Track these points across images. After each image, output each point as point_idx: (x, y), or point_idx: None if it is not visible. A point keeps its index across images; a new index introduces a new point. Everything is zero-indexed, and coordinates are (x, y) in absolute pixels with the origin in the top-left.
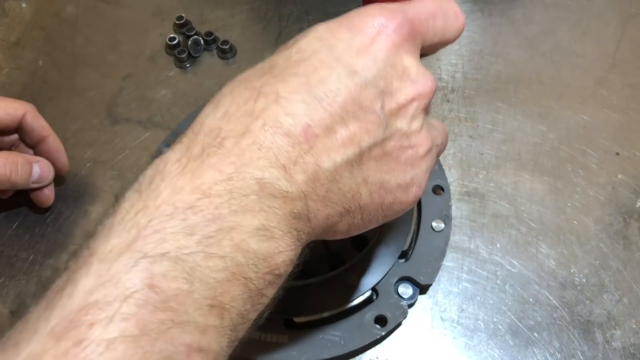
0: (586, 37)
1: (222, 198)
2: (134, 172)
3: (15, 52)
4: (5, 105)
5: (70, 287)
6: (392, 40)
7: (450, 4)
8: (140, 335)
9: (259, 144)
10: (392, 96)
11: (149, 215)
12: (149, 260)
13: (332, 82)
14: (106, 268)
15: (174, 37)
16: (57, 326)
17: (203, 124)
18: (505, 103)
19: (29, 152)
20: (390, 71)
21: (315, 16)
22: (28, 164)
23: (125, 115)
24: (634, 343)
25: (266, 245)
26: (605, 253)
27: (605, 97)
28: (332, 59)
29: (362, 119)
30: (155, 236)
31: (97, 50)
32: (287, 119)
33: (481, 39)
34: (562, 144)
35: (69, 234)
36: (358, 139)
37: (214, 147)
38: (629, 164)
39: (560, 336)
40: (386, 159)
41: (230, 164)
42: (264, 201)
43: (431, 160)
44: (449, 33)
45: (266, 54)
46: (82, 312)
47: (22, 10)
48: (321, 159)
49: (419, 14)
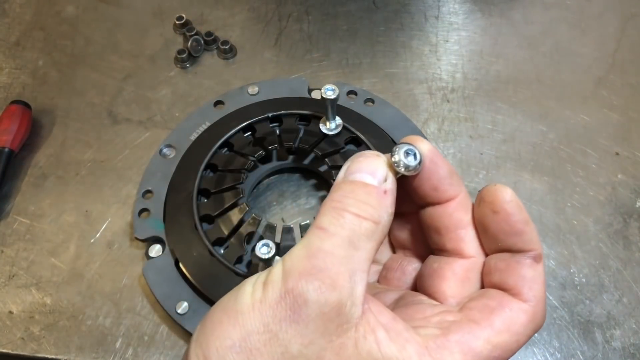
0: (586, 38)
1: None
2: (135, 171)
3: (16, 52)
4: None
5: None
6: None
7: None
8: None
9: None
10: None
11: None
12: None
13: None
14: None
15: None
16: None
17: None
18: (505, 103)
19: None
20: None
21: (315, 16)
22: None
23: (126, 115)
24: (633, 343)
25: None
26: (605, 253)
27: (605, 97)
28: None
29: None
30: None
31: (97, 50)
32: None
33: (481, 39)
34: (562, 144)
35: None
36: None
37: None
38: (628, 164)
39: (560, 336)
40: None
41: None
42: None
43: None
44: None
45: (266, 54)
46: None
47: (22, 10)
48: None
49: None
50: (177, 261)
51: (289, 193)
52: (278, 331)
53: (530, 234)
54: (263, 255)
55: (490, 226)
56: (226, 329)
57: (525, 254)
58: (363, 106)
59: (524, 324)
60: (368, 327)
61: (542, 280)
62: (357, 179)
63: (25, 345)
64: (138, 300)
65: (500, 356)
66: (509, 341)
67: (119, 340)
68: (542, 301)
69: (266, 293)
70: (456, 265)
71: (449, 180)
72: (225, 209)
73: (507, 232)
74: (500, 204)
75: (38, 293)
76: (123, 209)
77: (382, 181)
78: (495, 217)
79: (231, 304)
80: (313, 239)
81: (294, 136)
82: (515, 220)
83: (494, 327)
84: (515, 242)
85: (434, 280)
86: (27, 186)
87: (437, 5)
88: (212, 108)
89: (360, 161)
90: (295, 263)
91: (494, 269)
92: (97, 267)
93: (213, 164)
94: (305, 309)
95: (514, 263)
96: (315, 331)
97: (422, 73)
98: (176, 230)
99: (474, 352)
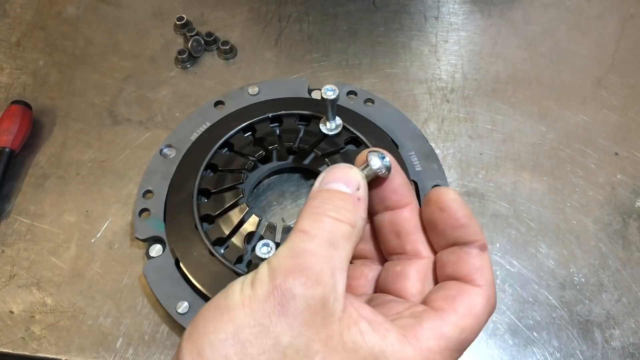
0: (585, 38)
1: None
2: (135, 171)
3: (16, 52)
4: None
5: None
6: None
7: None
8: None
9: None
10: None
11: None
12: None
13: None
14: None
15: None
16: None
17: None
18: (504, 103)
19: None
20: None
21: (314, 17)
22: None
23: (126, 115)
24: (633, 342)
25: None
26: (604, 253)
27: (604, 97)
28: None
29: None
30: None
31: (97, 50)
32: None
33: (481, 40)
34: (562, 144)
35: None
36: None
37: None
38: (628, 164)
39: (560, 335)
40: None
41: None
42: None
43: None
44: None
45: (266, 55)
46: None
47: (22, 10)
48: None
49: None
50: (178, 261)
51: (289, 193)
52: (268, 324)
53: (474, 226)
54: (263, 255)
55: (438, 223)
56: (219, 324)
57: (471, 244)
58: (363, 106)
59: (482, 306)
60: (351, 320)
61: (489, 266)
62: (333, 188)
63: (25, 345)
64: (138, 300)
65: (467, 338)
66: (472, 323)
67: (119, 340)
68: (493, 285)
69: (255, 290)
70: (417, 265)
71: (407, 187)
72: (226, 209)
73: (453, 226)
74: (445, 202)
75: (39, 293)
76: (123, 209)
77: (355, 190)
78: (442, 214)
79: (222, 302)
80: (296, 241)
81: (294, 136)
82: (460, 216)
83: (458, 312)
84: (461, 235)
85: (398, 282)
86: (28, 186)
87: (437, 5)
88: (212, 108)
89: (334, 172)
90: (281, 262)
91: (446, 263)
92: (98, 267)
93: (213, 164)
94: (293, 303)
95: (464, 254)
96: (303, 323)
97: (421, 73)
98: (176, 230)
99: (445, 336)
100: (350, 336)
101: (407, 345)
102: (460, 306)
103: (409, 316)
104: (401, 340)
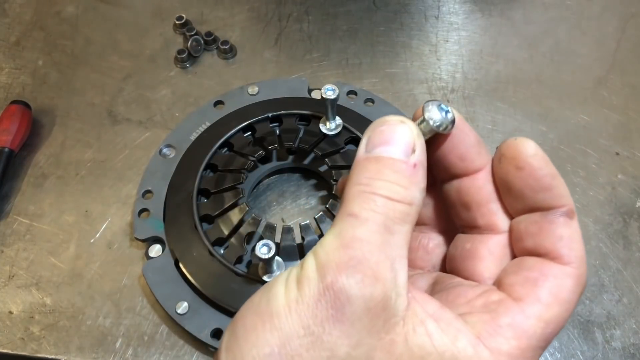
0: (586, 37)
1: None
2: (135, 171)
3: (16, 52)
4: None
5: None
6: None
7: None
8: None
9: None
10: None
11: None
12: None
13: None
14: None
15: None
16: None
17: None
18: (505, 103)
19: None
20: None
21: (315, 16)
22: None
23: (126, 115)
24: (633, 343)
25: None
26: (605, 253)
27: (605, 97)
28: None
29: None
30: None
31: (97, 50)
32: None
33: (481, 39)
34: (562, 144)
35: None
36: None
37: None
38: (628, 164)
39: (560, 336)
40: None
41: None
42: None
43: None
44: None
45: (266, 54)
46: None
47: (22, 10)
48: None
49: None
50: (177, 261)
51: (289, 193)
52: (321, 333)
53: (559, 187)
54: (263, 255)
55: (514, 184)
56: (262, 334)
57: (556, 210)
58: (363, 106)
59: (571, 289)
60: (416, 319)
61: (579, 238)
62: (382, 155)
63: (25, 345)
64: (138, 301)
65: (554, 331)
66: (560, 312)
67: (118, 340)
68: (584, 261)
69: (302, 291)
70: (491, 243)
71: (477, 149)
72: (225, 209)
73: (534, 188)
74: (524, 158)
75: (38, 293)
76: (123, 209)
77: (409, 153)
78: (520, 173)
79: (264, 306)
80: (345, 227)
81: (294, 136)
82: (543, 175)
83: (542, 300)
84: (544, 199)
85: (467, 262)
86: (27, 186)
87: (437, 5)
88: (212, 108)
89: (382, 131)
90: (330, 255)
91: (525, 234)
92: (97, 267)
93: (213, 164)
94: (349, 307)
95: (547, 224)
96: (362, 330)
97: (422, 73)
98: (176, 230)
99: (527, 333)
100: (416, 340)
101: (483, 350)
102: (545, 292)
103: (482, 309)
104: (475, 343)
